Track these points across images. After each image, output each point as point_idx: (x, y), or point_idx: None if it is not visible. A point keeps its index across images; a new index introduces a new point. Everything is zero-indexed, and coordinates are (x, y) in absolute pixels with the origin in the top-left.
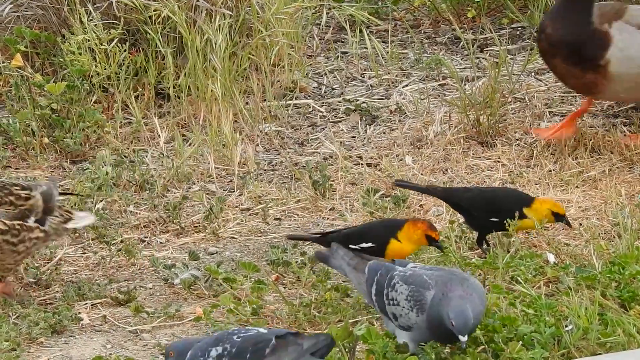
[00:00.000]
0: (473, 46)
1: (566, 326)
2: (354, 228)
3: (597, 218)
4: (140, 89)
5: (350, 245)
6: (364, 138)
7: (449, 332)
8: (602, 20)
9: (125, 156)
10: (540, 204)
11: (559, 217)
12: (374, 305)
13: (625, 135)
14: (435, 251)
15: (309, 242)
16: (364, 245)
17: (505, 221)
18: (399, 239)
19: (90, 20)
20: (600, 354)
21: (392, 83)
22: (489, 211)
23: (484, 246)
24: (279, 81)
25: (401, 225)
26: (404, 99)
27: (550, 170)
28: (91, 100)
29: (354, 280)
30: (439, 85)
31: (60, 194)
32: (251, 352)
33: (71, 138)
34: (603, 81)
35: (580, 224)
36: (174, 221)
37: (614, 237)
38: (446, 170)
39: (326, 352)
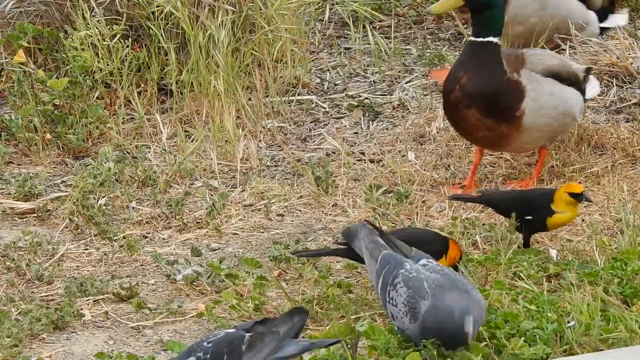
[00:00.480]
0: None
1: (568, 322)
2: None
3: (600, 214)
4: (143, 85)
5: None
6: (367, 134)
7: (446, 339)
8: (511, 69)
9: (127, 152)
10: (558, 194)
11: (577, 196)
12: (378, 296)
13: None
14: None
15: (312, 239)
16: None
17: (536, 220)
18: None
19: (93, 16)
20: (602, 350)
21: (395, 79)
22: (525, 209)
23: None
24: (281, 77)
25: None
26: (406, 94)
27: (553, 166)
28: (94, 96)
29: (368, 266)
30: None
31: None
32: (227, 353)
33: (74, 134)
34: (515, 132)
35: (583, 220)
36: (177, 217)
37: (617, 233)
38: (449, 166)
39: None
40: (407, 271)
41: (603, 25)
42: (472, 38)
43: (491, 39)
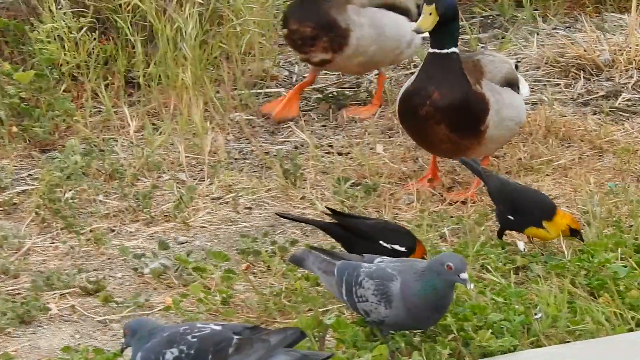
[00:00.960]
0: None
1: (535, 314)
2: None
3: (567, 206)
4: (110, 78)
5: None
6: (335, 126)
7: (435, 306)
8: (473, 80)
9: (94, 145)
10: (561, 218)
11: (574, 232)
12: (347, 305)
13: None
14: None
15: (280, 232)
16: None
17: (519, 223)
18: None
19: (60, 8)
20: (569, 341)
21: None
22: (511, 208)
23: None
24: (249, 70)
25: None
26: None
27: (521, 159)
28: (60, 89)
29: (326, 284)
30: (410, 73)
31: None
32: (213, 353)
33: (40, 127)
34: (476, 145)
35: None
36: (144, 210)
37: (584, 225)
38: (417, 159)
39: (294, 344)
40: (367, 268)
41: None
42: (435, 50)
43: (453, 49)
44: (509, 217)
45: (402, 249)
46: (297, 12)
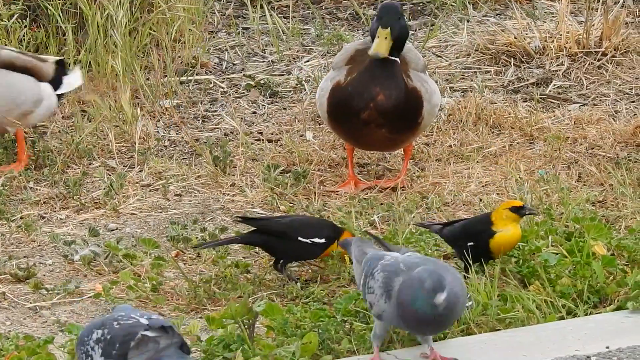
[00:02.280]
0: None
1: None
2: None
3: (497, 194)
4: None
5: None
6: (265, 114)
7: (418, 316)
8: (404, 74)
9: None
10: (497, 213)
11: (519, 210)
12: (364, 297)
13: None
14: None
15: (209, 219)
16: None
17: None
18: None
19: None
20: (499, 329)
21: (293, 59)
22: (465, 239)
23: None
24: (179, 57)
25: None
26: (305, 74)
27: (451, 146)
28: None
29: (355, 274)
30: None
31: None
32: (120, 343)
33: None
34: (412, 137)
35: (481, 200)
36: (74, 197)
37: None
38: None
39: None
40: (386, 260)
41: (60, 92)
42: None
43: (396, 57)
44: (470, 244)
45: (322, 240)
46: None
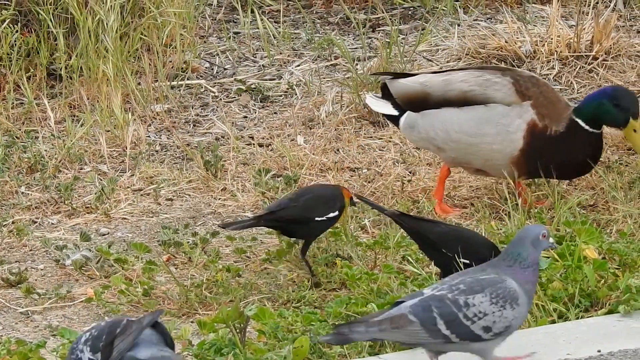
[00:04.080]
0: (365, 26)
1: None
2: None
3: (489, 198)
4: (32, 70)
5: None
6: (256, 118)
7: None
8: None
9: (17, 137)
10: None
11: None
12: (449, 339)
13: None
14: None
15: (201, 223)
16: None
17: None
18: None
19: None
20: None
21: (284, 63)
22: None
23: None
24: (170, 61)
25: None
26: (295, 79)
27: None
28: None
29: (402, 338)
30: (331, 65)
31: None
32: (107, 333)
33: None
34: None
35: (472, 204)
36: (66, 202)
37: (505, 216)
38: (338, 150)
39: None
40: (454, 290)
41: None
42: None
43: None
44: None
45: (335, 213)
46: None
